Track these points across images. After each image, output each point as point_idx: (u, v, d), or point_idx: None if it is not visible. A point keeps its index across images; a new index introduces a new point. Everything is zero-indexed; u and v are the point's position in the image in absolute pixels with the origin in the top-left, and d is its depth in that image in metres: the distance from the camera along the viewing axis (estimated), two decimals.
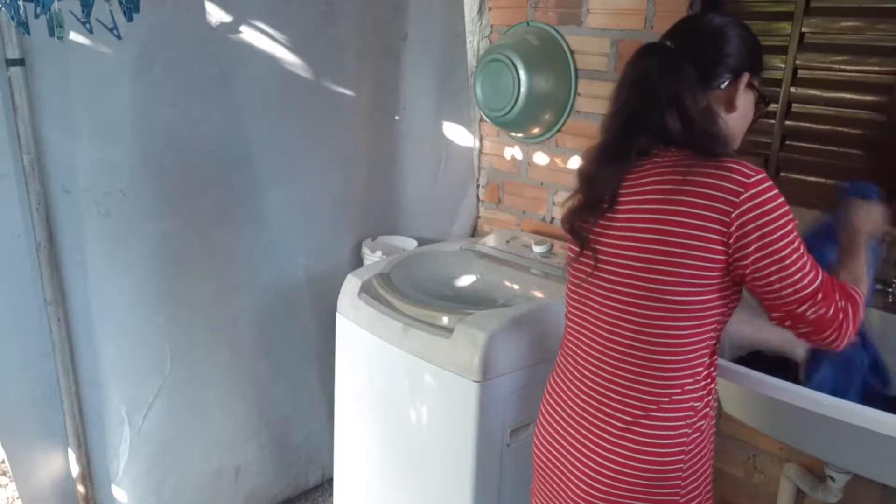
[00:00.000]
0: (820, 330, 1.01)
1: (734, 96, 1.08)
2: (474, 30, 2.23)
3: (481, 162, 2.35)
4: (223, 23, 1.72)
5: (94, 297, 1.68)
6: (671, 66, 1.03)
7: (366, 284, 1.79)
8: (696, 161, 1.00)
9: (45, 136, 1.53)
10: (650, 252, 1.01)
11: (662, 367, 1.04)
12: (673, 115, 1.02)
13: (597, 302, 1.10)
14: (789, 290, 0.98)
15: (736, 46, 1.08)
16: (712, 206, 0.96)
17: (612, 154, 1.08)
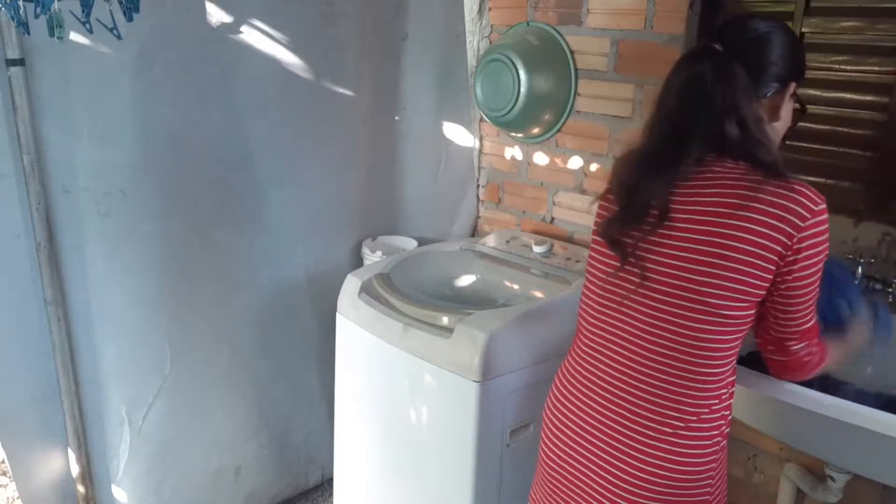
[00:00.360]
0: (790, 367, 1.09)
1: (780, 105, 1.07)
2: (474, 30, 2.23)
3: (481, 162, 2.35)
4: (223, 23, 1.72)
5: (94, 297, 1.68)
6: (726, 71, 1.00)
7: (366, 284, 1.79)
8: (763, 178, 0.98)
9: (45, 136, 1.53)
10: (708, 265, 0.99)
11: (706, 379, 1.03)
12: (731, 122, 0.99)
13: (639, 312, 1.06)
14: (798, 318, 1.03)
15: (782, 53, 1.05)
16: (779, 226, 0.96)
17: (658, 162, 1.04)
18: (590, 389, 1.12)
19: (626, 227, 1.07)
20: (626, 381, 1.07)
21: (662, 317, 1.03)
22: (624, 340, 1.08)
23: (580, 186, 2.06)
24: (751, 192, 0.97)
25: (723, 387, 1.06)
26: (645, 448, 1.05)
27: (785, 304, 1.01)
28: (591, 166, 2.02)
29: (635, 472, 1.06)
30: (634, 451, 1.06)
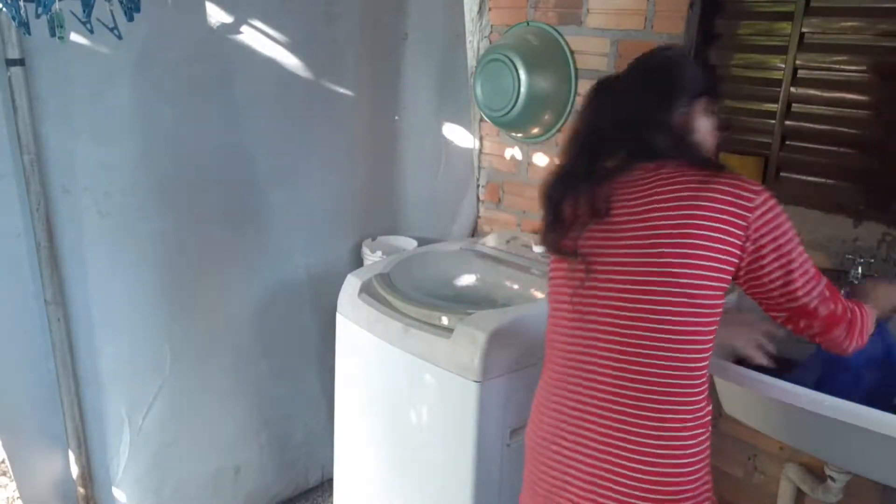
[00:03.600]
0: (830, 327, 1.09)
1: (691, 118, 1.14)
2: (474, 30, 2.23)
3: (481, 162, 2.35)
4: (223, 23, 1.72)
5: (94, 296, 1.68)
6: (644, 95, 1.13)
7: (366, 284, 1.79)
8: (711, 173, 1.05)
9: (45, 136, 1.53)
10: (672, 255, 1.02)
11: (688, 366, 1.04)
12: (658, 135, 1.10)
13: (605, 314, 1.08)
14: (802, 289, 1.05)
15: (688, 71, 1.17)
16: (733, 211, 1.02)
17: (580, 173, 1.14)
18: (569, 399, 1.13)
19: (562, 233, 1.15)
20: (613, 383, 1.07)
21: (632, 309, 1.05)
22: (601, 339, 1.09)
23: None
24: (702, 184, 1.04)
25: (702, 376, 1.07)
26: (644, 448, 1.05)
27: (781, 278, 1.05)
28: None
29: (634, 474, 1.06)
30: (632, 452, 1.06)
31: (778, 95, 1.64)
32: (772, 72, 1.66)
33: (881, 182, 1.54)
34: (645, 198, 1.07)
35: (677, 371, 1.04)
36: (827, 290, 1.08)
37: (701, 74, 1.18)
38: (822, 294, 1.07)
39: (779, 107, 1.65)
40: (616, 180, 1.11)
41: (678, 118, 1.13)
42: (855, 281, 1.44)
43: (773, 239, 1.03)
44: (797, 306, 1.07)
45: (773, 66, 1.65)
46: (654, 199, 1.06)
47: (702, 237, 1.02)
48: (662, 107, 1.12)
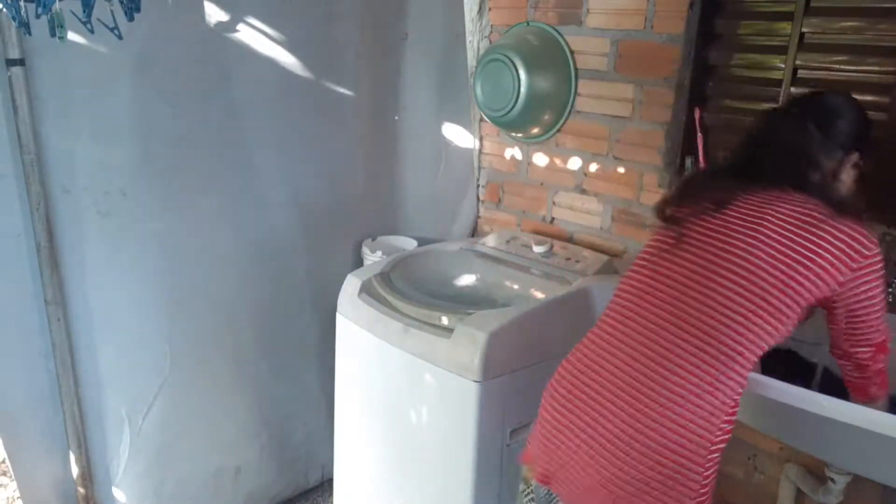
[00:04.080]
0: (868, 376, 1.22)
1: (840, 169, 1.22)
2: (474, 30, 2.23)
3: (481, 162, 2.35)
4: (224, 23, 1.72)
5: (93, 297, 1.68)
6: (812, 138, 1.20)
7: (366, 284, 1.79)
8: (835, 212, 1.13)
9: (46, 135, 1.53)
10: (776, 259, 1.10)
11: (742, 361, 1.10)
12: (815, 172, 1.18)
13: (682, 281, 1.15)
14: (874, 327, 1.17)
15: (851, 126, 1.22)
16: (847, 251, 1.11)
17: (729, 173, 1.25)
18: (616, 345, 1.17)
19: (678, 205, 1.24)
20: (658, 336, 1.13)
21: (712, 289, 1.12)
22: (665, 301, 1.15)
23: (580, 186, 2.07)
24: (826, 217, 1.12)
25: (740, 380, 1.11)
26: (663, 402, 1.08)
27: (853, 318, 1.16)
28: (590, 166, 2.02)
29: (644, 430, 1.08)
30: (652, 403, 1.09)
31: (778, 95, 1.64)
32: (772, 72, 1.65)
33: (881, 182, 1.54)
34: (763, 209, 1.15)
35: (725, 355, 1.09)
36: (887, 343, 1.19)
37: (864, 128, 1.25)
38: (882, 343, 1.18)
39: None
40: (753, 192, 1.19)
41: (832, 163, 1.20)
42: None
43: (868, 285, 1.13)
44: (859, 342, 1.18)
45: (773, 66, 1.65)
46: (773, 214, 1.14)
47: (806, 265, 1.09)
48: (825, 148, 1.19)
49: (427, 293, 1.82)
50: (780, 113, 1.28)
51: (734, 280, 1.11)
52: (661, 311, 1.15)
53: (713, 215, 1.18)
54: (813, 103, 1.26)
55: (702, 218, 1.19)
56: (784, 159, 1.20)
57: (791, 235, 1.11)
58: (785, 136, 1.22)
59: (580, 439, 1.15)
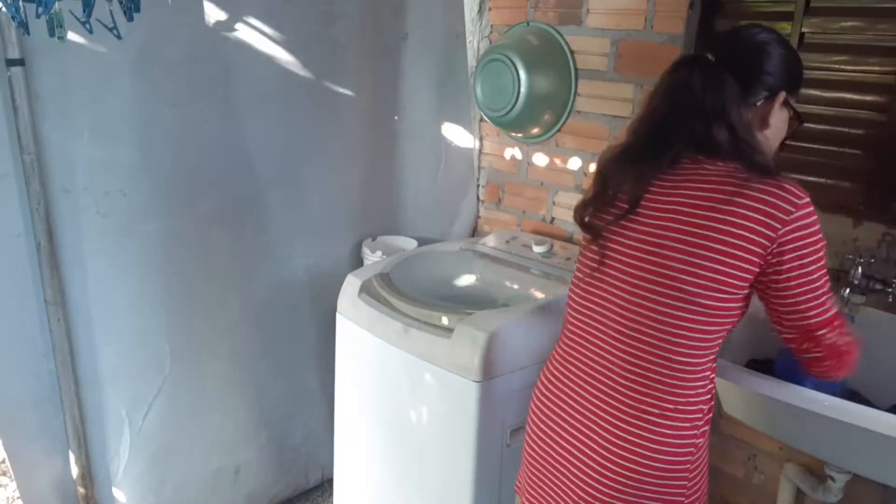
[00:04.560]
0: (830, 356, 1.07)
1: (769, 113, 1.10)
2: (474, 30, 2.23)
3: (481, 162, 2.35)
4: (223, 23, 1.72)
5: (93, 297, 1.68)
6: (715, 79, 1.05)
7: (366, 284, 1.79)
8: (751, 175, 1.01)
9: (45, 135, 1.53)
10: (690, 255, 1.01)
11: (682, 368, 1.04)
12: (720, 127, 1.04)
13: (612, 300, 1.09)
14: (815, 311, 1.03)
15: (775, 64, 1.09)
16: (764, 220, 0.98)
17: (638, 156, 1.09)
18: (571, 378, 1.15)
19: (596, 211, 1.14)
20: (605, 369, 1.09)
21: (638, 302, 1.06)
22: (599, 330, 1.11)
23: (580, 186, 2.07)
24: (737, 189, 1.00)
25: (700, 378, 1.06)
26: (622, 435, 1.06)
27: (794, 302, 1.03)
28: (591, 166, 2.02)
29: (614, 460, 1.07)
30: (615, 439, 1.07)
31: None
32: None
33: (881, 182, 1.54)
34: (674, 195, 1.05)
35: (668, 364, 1.04)
36: (837, 319, 1.05)
37: (791, 64, 1.11)
38: (831, 322, 1.05)
39: None
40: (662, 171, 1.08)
41: (750, 112, 1.08)
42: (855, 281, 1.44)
43: (799, 257, 0.99)
44: (805, 327, 1.05)
45: None
46: (683, 200, 1.04)
47: (722, 252, 0.99)
48: (736, 98, 1.05)
49: (427, 293, 1.82)
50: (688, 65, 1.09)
51: (658, 291, 1.03)
52: (602, 337, 1.10)
53: (629, 219, 1.09)
54: (727, 44, 1.11)
55: (619, 225, 1.10)
56: (685, 122, 1.06)
57: (703, 222, 1.00)
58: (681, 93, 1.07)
59: (557, 473, 1.16)
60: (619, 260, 1.09)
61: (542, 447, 1.19)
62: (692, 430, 1.07)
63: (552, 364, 1.22)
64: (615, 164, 1.13)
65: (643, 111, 1.13)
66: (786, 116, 1.13)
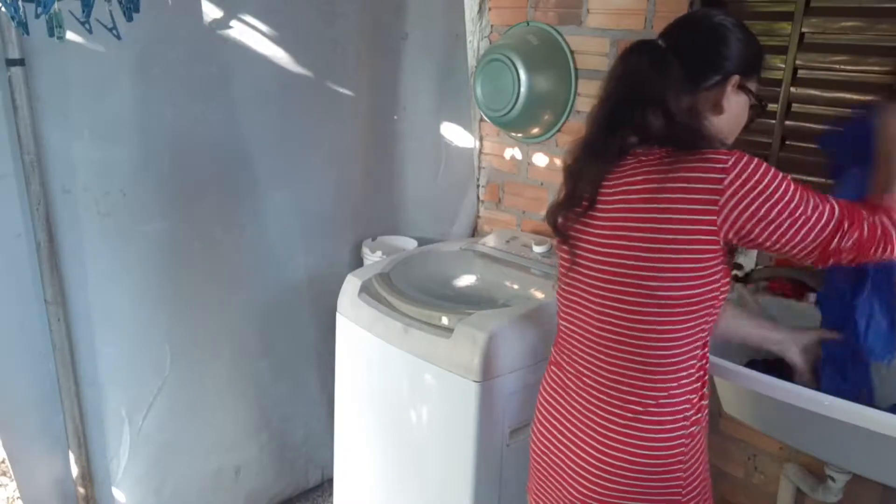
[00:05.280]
0: (865, 251, 0.98)
1: (721, 98, 1.06)
2: (474, 30, 2.23)
3: (481, 162, 2.35)
4: (223, 23, 1.72)
5: (94, 297, 1.68)
6: (658, 65, 1.03)
7: (366, 284, 1.79)
8: (677, 156, 0.99)
9: (46, 135, 1.53)
10: (640, 250, 1.00)
11: (657, 362, 1.04)
12: (656, 113, 1.01)
13: (585, 300, 1.11)
14: (814, 234, 0.96)
15: (729, 47, 1.06)
16: (699, 198, 0.95)
17: (596, 149, 1.08)
18: (563, 379, 1.17)
19: (566, 212, 1.13)
20: (589, 368, 1.11)
21: (606, 303, 1.06)
22: (579, 328, 1.13)
23: None
24: (666, 173, 0.98)
25: (681, 370, 1.05)
26: (611, 434, 1.07)
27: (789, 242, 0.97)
28: None
29: (604, 459, 1.08)
30: (602, 438, 1.08)
31: (778, 95, 1.64)
32: (772, 72, 1.65)
33: None
34: (618, 191, 1.04)
35: (642, 360, 1.04)
36: (846, 219, 0.97)
37: (746, 49, 1.08)
38: (838, 229, 0.97)
39: (779, 107, 1.65)
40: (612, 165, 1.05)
41: (700, 97, 1.04)
42: None
43: (758, 207, 0.94)
44: (814, 252, 0.98)
45: (773, 66, 1.65)
46: (625, 196, 1.03)
47: (669, 241, 0.97)
48: (677, 83, 1.02)
49: (427, 293, 1.82)
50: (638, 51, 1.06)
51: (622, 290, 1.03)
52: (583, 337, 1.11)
53: (589, 216, 1.08)
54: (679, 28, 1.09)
55: (581, 223, 1.09)
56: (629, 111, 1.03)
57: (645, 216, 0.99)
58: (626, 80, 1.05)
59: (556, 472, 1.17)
60: (587, 258, 1.09)
61: (543, 448, 1.21)
62: (681, 423, 1.06)
63: (550, 366, 1.24)
64: (577, 162, 1.11)
65: (597, 100, 1.10)
66: (744, 102, 1.09)
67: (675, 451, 1.07)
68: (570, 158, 1.14)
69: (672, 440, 1.06)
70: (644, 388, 1.05)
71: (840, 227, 0.97)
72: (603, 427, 1.08)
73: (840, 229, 0.97)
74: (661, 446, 1.06)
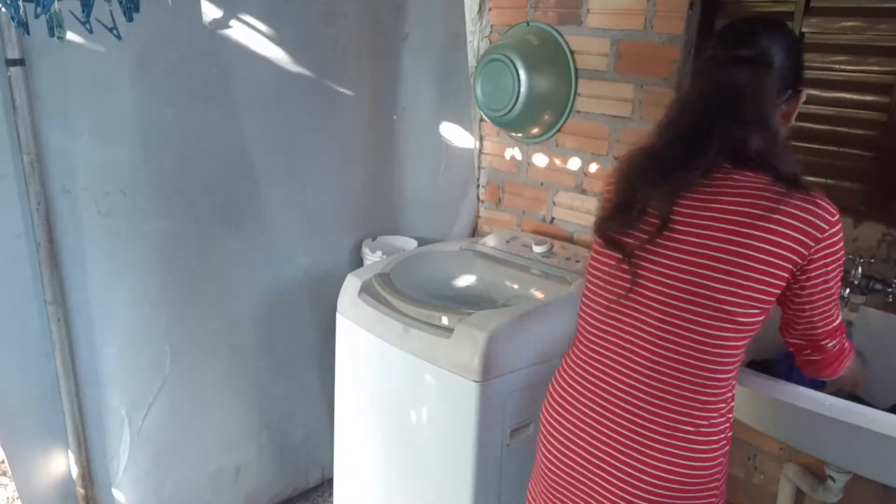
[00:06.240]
0: (827, 362, 1.11)
1: (793, 110, 1.07)
2: (474, 30, 2.23)
3: (481, 162, 2.35)
4: (223, 23, 1.72)
5: (94, 297, 1.68)
6: (756, 80, 0.99)
7: (366, 284, 1.79)
8: (786, 191, 0.97)
9: (45, 135, 1.53)
10: (723, 272, 0.98)
11: (713, 384, 1.03)
12: (759, 134, 0.98)
13: (644, 322, 1.05)
14: (825, 321, 1.06)
15: (795, 58, 1.05)
16: (800, 238, 0.97)
17: (666, 165, 1.02)
18: (596, 392, 1.11)
19: (623, 227, 1.06)
20: (637, 385, 1.06)
21: (672, 322, 1.02)
22: (631, 344, 1.07)
23: (580, 186, 2.06)
24: (774, 204, 0.97)
25: (730, 390, 1.07)
26: (658, 453, 1.05)
27: (813, 307, 1.04)
28: (590, 166, 2.02)
29: (648, 478, 1.06)
30: (647, 457, 1.05)
31: None
32: None
33: (880, 182, 1.54)
34: (708, 210, 1.00)
35: (702, 382, 1.03)
36: (841, 328, 1.09)
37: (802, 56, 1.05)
38: (836, 331, 1.08)
39: None
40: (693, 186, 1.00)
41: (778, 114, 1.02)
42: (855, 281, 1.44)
43: (825, 272, 1.00)
44: (814, 339, 1.07)
45: None
46: (718, 216, 0.99)
47: (759, 270, 0.97)
48: (776, 101, 0.99)
49: (427, 293, 1.82)
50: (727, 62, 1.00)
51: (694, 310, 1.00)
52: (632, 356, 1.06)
53: (659, 241, 1.02)
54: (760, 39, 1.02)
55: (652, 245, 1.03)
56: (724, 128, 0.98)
57: (741, 240, 0.97)
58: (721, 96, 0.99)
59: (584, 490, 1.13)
60: (652, 279, 1.04)
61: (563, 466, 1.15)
62: (723, 441, 1.08)
63: (568, 379, 1.17)
64: (641, 175, 1.05)
65: (677, 114, 1.05)
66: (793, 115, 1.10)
67: (718, 468, 1.08)
68: (629, 168, 1.07)
69: (716, 458, 1.08)
70: (698, 410, 1.04)
71: (838, 330, 1.08)
72: (652, 448, 1.05)
73: (836, 333, 1.08)
74: (707, 465, 1.06)
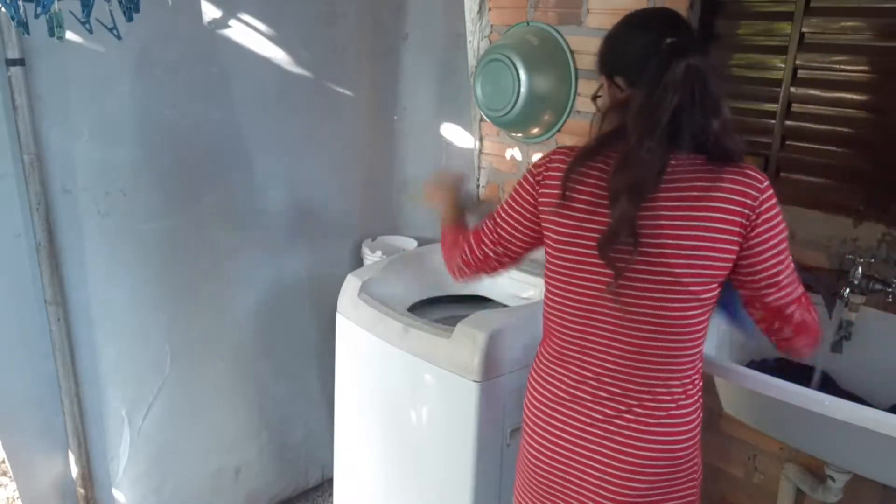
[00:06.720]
0: (800, 335, 1.10)
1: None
2: (474, 30, 2.23)
3: (481, 162, 2.35)
4: (223, 23, 1.72)
5: (94, 297, 1.68)
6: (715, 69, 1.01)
7: (366, 284, 1.79)
8: (718, 167, 1.02)
9: (46, 135, 1.53)
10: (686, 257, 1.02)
11: (687, 357, 1.08)
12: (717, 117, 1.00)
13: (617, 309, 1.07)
14: (785, 287, 1.06)
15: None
16: (736, 209, 1.01)
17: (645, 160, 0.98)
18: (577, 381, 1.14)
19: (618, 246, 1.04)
20: (617, 370, 1.10)
21: (644, 312, 1.06)
22: (607, 331, 1.10)
23: None
24: (710, 183, 1.02)
25: (700, 360, 1.12)
26: (645, 434, 1.09)
27: (767, 272, 1.04)
28: None
29: (639, 457, 1.09)
30: (635, 439, 1.09)
31: (778, 95, 1.64)
32: (772, 72, 1.65)
33: (881, 182, 1.54)
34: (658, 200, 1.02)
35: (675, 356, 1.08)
36: (805, 296, 1.09)
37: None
38: (800, 299, 1.08)
39: (779, 107, 1.65)
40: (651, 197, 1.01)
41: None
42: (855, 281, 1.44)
43: (769, 233, 1.02)
44: (777, 305, 1.07)
45: (773, 66, 1.65)
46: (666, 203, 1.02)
47: (710, 248, 1.01)
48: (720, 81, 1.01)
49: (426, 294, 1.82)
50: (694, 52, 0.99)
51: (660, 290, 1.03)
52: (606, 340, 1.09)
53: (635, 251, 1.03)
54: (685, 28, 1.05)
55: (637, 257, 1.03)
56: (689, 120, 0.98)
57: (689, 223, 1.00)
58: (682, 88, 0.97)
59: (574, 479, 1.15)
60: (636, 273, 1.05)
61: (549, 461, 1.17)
62: (698, 413, 1.13)
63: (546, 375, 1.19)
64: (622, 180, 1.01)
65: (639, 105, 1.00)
66: None
67: (696, 438, 1.13)
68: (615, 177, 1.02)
69: (695, 429, 1.12)
70: (675, 385, 1.09)
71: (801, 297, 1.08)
72: (639, 428, 1.09)
73: (800, 300, 1.08)
74: (689, 437, 1.11)
